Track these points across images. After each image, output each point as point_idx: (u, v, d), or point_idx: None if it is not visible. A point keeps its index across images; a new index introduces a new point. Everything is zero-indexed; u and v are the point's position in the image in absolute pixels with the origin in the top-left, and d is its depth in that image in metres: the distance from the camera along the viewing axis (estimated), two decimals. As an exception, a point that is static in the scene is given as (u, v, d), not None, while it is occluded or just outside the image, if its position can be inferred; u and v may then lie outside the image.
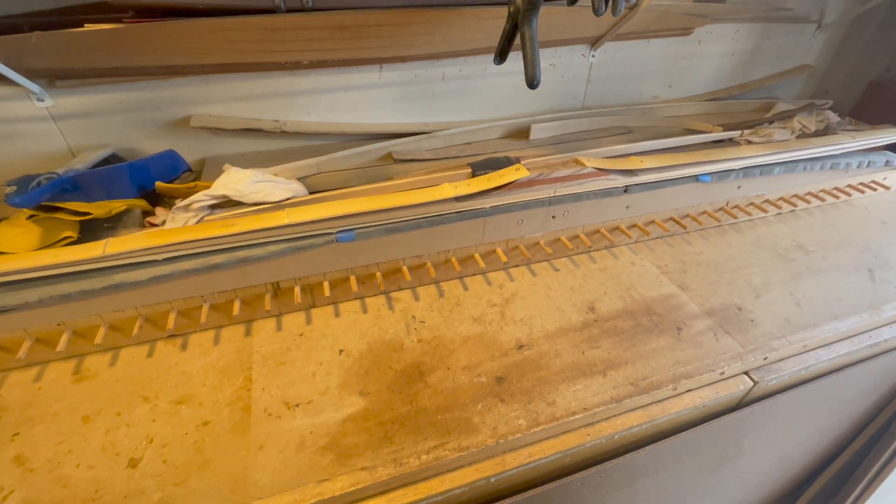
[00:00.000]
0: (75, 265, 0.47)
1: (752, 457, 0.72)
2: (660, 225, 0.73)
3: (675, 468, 0.62)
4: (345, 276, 0.59)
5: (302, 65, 0.77)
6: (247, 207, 0.62)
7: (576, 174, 0.64)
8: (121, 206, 0.64)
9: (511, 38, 0.61)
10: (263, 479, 0.42)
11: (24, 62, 0.62)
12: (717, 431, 0.58)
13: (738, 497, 0.87)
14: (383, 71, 0.83)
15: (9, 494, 0.40)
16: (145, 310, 0.53)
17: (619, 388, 0.51)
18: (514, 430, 0.46)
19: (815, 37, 1.11)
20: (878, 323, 0.63)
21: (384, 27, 0.74)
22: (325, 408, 0.48)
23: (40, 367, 0.52)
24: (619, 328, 0.58)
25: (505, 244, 0.65)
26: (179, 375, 0.51)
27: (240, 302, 0.56)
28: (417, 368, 0.52)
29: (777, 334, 0.59)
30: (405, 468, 0.43)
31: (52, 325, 0.50)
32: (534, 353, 0.54)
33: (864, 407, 0.80)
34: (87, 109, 0.71)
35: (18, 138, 0.70)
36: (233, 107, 0.80)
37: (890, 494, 0.94)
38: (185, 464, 0.43)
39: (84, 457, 0.43)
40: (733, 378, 0.55)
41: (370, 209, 0.54)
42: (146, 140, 0.78)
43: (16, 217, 0.62)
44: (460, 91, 0.90)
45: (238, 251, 0.52)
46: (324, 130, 0.85)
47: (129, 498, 0.40)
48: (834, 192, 0.84)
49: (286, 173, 0.70)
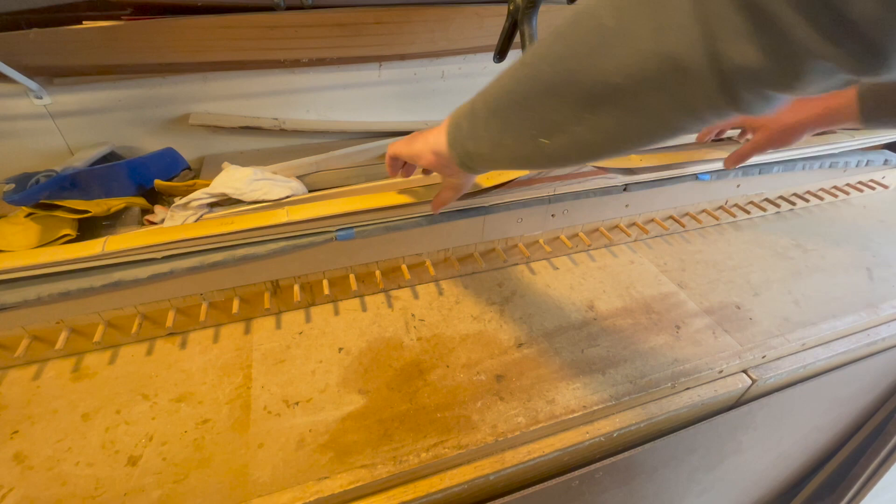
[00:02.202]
0: (74, 263, 0.47)
1: (750, 454, 0.72)
2: (659, 223, 0.73)
3: (674, 466, 0.62)
4: (344, 274, 0.59)
5: (301, 62, 0.77)
6: (246, 206, 0.62)
7: (575, 172, 0.64)
8: (119, 204, 0.64)
9: (511, 36, 0.61)
10: (263, 477, 0.42)
11: (22, 59, 0.62)
12: (716, 429, 0.58)
13: (736, 494, 0.87)
14: (383, 69, 0.83)
15: (8, 492, 0.41)
16: (144, 308, 0.53)
17: (617, 386, 0.51)
18: (513, 427, 0.47)
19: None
20: (875, 321, 0.63)
21: (383, 25, 0.74)
22: (324, 406, 0.48)
23: (39, 364, 0.52)
24: (618, 326, 0.58)
25: (504, 242, 0.66)
26: (179, 373, 0.51)
27: (239, 300, 0.56)
28: (417, 366, 0.52)
29: (775, 332, 0.59)
30: (405, 466, 0.43)
31: (51, 323, 0.50)
32: (533, 352, 0.55)
33: (861, 405, 0.80)
34: (85, 107, 0.71)
35: (16, 136, 0.70)
36: (232, 105, 0.79)
37: (887, 492, 0.95)
38: (185, 461, 0.43)
39: (83, 455, 0.43)
40: (732, 376, 0.56)
41: (370, 207, 0.54)
42: (145, 138, 0.77)
43: (14, 215, 0.62)
44: (460, 89, 0.90)
45: (237, 249, 0.52)
46: (323, 128, 0.85)
47: (128, 496, 0.40)
48: (832, 191, 0.84)
49: (285, 171, 0.70)
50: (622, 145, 0.31)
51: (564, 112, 0.30)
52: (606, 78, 0.27)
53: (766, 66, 0.21)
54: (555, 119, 0.31)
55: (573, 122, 0.30)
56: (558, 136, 0.31)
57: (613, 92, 0.27)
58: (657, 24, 0.24)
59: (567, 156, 0.33)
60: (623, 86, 0.26)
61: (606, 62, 0.26)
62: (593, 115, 0.29)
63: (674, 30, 0.23)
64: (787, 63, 0.21)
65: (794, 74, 0.21)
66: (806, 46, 0.20)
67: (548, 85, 0.30)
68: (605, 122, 0.29)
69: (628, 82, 0.26)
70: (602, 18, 0.26)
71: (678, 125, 0.28)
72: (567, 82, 0.29)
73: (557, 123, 0.31)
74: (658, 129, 0.28)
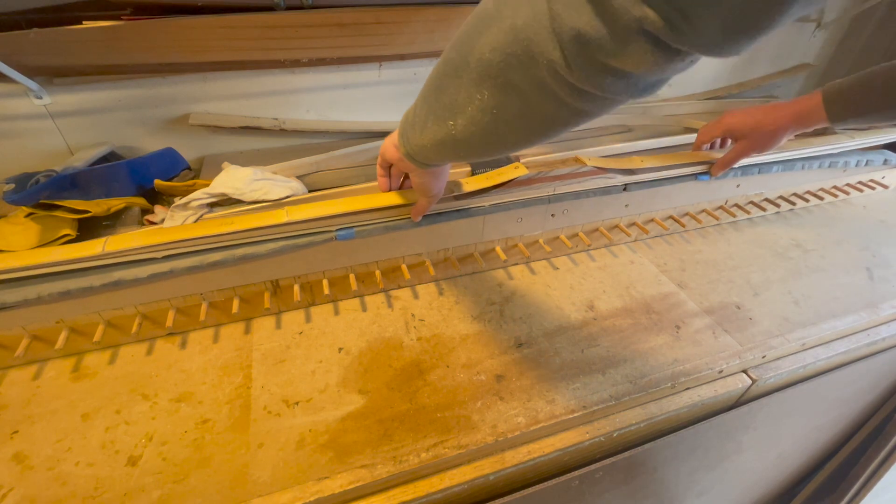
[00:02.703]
0: (74, 263, 0.47)
1: (750, 454, 0.72)
2: (659, 223, 0.73)
3: (674, 466, 0.62)
4: (344, 274, 0.59)
5: (301, 62, 0.77)
6: (246, 205, 0.62)
7: (575, 172, 0.64)
8: (119, 203, 0.64)
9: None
10: (263, 477, 0.42)
11: (22, 59, 0.62)
12: (715, 429, 0.58)
13: (736, 494, 0.87)
14: (383, 69, 0.83)
15: (8, 492, 0.41)
16: (144, 307, 0.53)
17: (617, 385, 0.51)
18: (513, 427, 0.47)
19: (814, 35, 1.11)
20: (875, 321, 0.63)
21: (384, 25, 0.74)
22: (324, 406, 0.48)
23: (39, 364, 0.52)
24: (618, 326, 0.58)
25: (504, 242, 0.66)
26: (179, 373, 0.51)
27: (239, 300, 0.56)
28: (417, 366, 0.52)
29: (775, 332, 0.59)
30: (404, 466, 0.43)
31: (51, 323, 0.50)
32: (533, 352, 0.55)
33: (861, 405, 0.80)
34: (85, 107, 0.71)
35: (16, 136, 0.70)
36: (232, 104, 0.79)
37: (887, 492, 0.95)
38: (185, 461, 0.43)
39: (83, 454, 0.43)
40: (731, 376, 0.56)
41: (370, 207, 0.54)
42: (145, 138, 0.77)
43: (14, 215, 0.61)
44: (460, 89, 0.90)
45: (237, 249, 0.52)
46: (323, 128, 0.85)
47: (128, 496, 0.40)
48: (832, 191, 0.84)
49: (285, 171, 0.70)
50: (510, 130, 0.32)
51: (462, 92, 0.32)
52: (482, 54, 0.29)
53: (598, 33, 0.23)
54: (457, 99, 0.33)
55: (468, 102, 0.32)
56: (460, 118, 0.34)
57: (488, 68, 0.29)
58: (518, 3, 0.26)
59: (470, 140, 0.35)
60: (493, 61, 0.29)
61: (483, 40, 0.29)
62: (479, 93, 0.31)
63: (526, 5, 0.26)
64: (614, 28, 0.22)
65: (622, 40, 0.23)
66: (624, 6, 0.21)
67: (452, 66, 0.33)
68: (489, 101, 0.31)
69: (497, 57, 0.28)
70: (487, 3, 0.30)
71: (546, 108, 0.30)
72: (462, 63, 0.31)
73: (459, 104, 0.33)
74: (531, 111, 0.30)
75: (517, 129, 0.32)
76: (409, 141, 0.42)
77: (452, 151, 0.38)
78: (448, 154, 0.40)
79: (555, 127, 0.32)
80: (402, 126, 0.43)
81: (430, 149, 0.39)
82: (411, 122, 0.41)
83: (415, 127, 0.40)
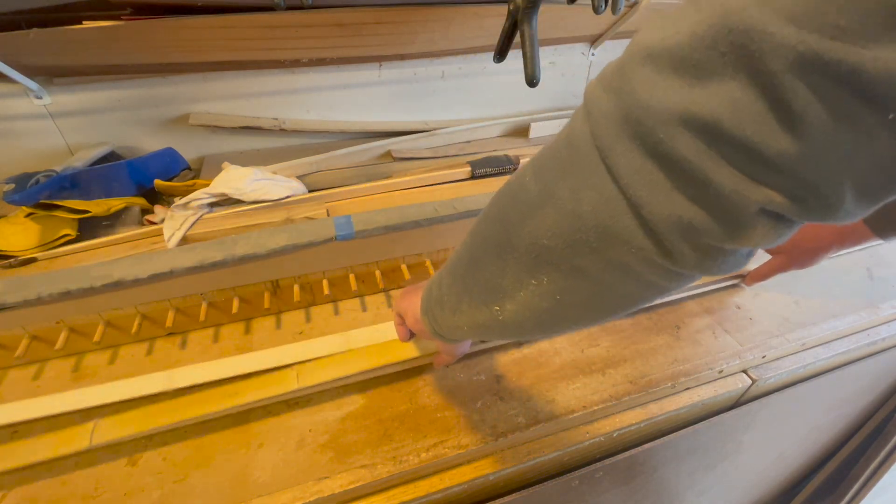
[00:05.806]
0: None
1: (750, 454, 0.72)
2: (659, 223, 0.73)
3: (674, 466, 0.62)
4: (344, 274, 0.59)
5: (301, 62, 0.77)
6: (246, 205, 0.62)
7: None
8: (119, 203, 0.64)
9: (511, 36, 0.61)
10: (263, 477, 0.42)
11: (22, 59, 0.62)
12: (715, 429, 0.58)
13: (736, 494, 0.87)
14: (383, 69, 0.83)
15: (8, 492, 0.41)
16: (144, 308, 0.53)
17: (617, 386, 0.51)
18: (513, 427, 0.47)
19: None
20: (875, 321, 0.63)
21: (384, 25, 0.74)
22: (324, 406, 0.48)
23: (39, 364, 0.52)
24: (618, 326, 0.58)
25: (504, 242, 0.65)
26: (179, 373, 0.51)
27: (239, 300, 0.56)
28: (417, 366, 0.52)
29: (775, 332, 0.59)
30: (404, 466, 0.43)
31: (51, 323, 0.50)
32: (533, 352, 0.55)
33: (861, 405, 0.80)
34: (85, 107, 0.71)
35: (16, 136, 0.70)
36: (232, 104, 0.80)
37: (887, 492, 0.95)
38: (185, 461, 0.43)
39: (83, 454, 0.43)
40: (732, 376, 0.56)
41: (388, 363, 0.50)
42: (145, 138, 0.78)
43: (14, 215, 0.62)
44: (460, 89, 0.90)
45: (237, 249, 0.52)
46: (323, 128, 0.85)
47: (128, 495, 0.40)
48: (832, 191, 0.84)
49: (285, 171, 0.71)
50: (576, 315, 0.29)
51: (508, 276, 0.29)
52: (537, 240, 0.26)
53: (705, 222, 0.20)
54: (502, 283, 0.30)
55: (518, 287, 0.29)
56: (509, 303, 0.30)
57: (547, 254, 0.26)
58: (573, 184, 0.23)
59: (522, 324, 0.31)
60: (554, 248, 0.25)
61: (534, 224, 0.26)
62: (535, 278, 0.28)
63: (588, 189, 0.23)
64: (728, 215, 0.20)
65: (740, 225, 0.20)
66: (740, 192, 0.19)
67: (491, 245, 0.30)
68: (548, 286, 0.27)
69: (558, 244, 0.25)
70: (525, 180, 0.26)
71: (624, 289, 0.26)
72: (505, 244, 0.28)
73: (505, 288, 0.29)
74: (605, 293, 0.27)
75: (585, 312, 0.29)
76: (436, 321, 0.37)
77: (497, 333, 0.34)
78: (489, 335, 0.36)
79: (633, 306, 0.28)
80: (425, 302, 0.39)
81: (467, 331, 0.35)
82: (437, 298, 0.37)
83: (443, 307, 0.36)
